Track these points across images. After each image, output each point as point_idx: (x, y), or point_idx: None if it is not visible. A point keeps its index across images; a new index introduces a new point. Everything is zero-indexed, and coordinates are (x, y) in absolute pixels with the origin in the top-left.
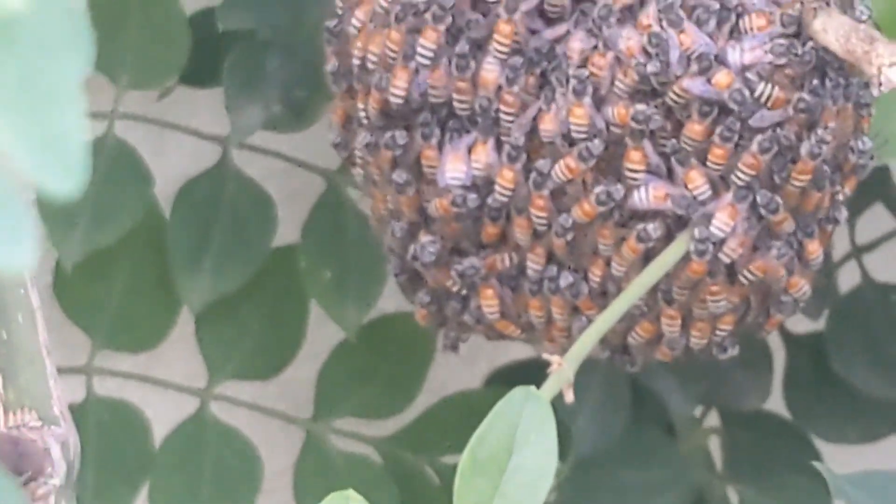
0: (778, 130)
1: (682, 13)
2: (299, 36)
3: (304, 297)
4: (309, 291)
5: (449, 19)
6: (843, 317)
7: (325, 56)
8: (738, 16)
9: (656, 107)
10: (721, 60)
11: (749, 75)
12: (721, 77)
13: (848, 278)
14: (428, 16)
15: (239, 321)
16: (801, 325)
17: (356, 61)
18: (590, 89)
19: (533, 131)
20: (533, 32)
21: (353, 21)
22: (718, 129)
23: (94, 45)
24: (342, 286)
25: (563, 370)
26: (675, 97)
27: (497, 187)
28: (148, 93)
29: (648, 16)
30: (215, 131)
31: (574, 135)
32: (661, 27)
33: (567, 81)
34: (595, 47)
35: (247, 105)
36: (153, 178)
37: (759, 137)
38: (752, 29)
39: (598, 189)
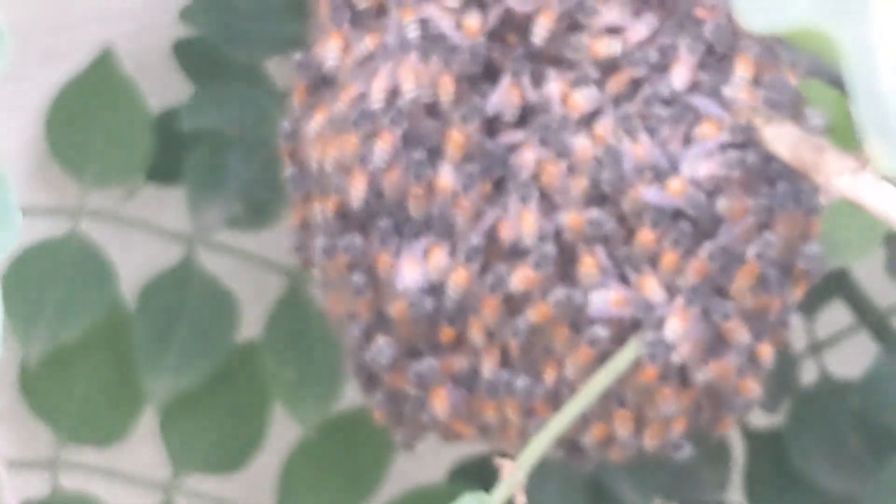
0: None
1: (636, 123)
2: (261, 135)
3: (266, 393)
4: (271, 389)
5: (405, 124)
6: (803, 411)
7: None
8: (690, 123)
9: (609, 213)
10: (674, 168)
11: (704, 185)
12: (675, 184)
13: (808, 371)
14: (385, 121)
15: (202, 415)
16: (760, 418)
17: (314, 164)
18: (537, 196)
19: (489, 235)
20: (490, 136)
21: (312, 125)
22: (670, 236)
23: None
24: (303, 384)
25: (514, 474)
26: (628, 204)
27: (450, 288)
28: (113, 190)
29: (603, 126)
30: (180, 227)
31: (526, 241)
32: (616, 138)
33: (520, 189)
34: (548, 156)
35: (209, 204)
36: (118, 275)
37: (707, 245)
38: (703, 137)
39: (558, 293)
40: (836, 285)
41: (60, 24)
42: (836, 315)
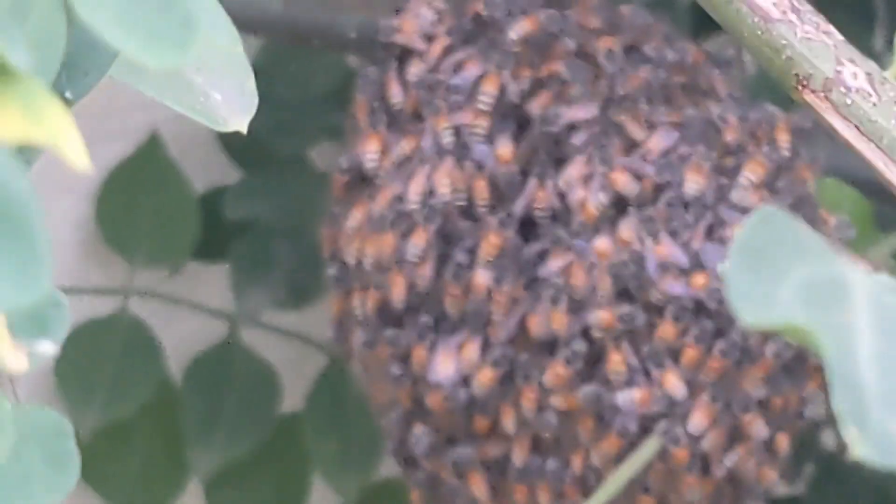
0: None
1: (659, 225)
2: (304, 222)
3: (307, 465)
4: (313, 460)
5: (439, 221)
6: (823, 480)
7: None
8: (711, 224)
9: (636, 308)
10: (697, 264)
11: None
12: (699, 279)
13: (828, 439)
14: (419, 218)
15: (246, 486)
16: (781, 486)
17: (353, 260)
18: (566, 298)
19: (520, 331)
20: (523, 237)
21: (351, 222)
22: (693, 332)
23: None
24: (343, 456)
25: None
26: (653, 300)
27: (475, 386)
28: (160, 269)
29: (627, 229)
30: (222, 304)
31: (558, 338)
32: (640, 240)
33: (550, 290)
34: (575, 259)
35: (253, 288)
36: (165, 352)
37: (726, 340)
38: (726, 238)
39: (587, 389)
40: None
41: (109, 109)
42: None
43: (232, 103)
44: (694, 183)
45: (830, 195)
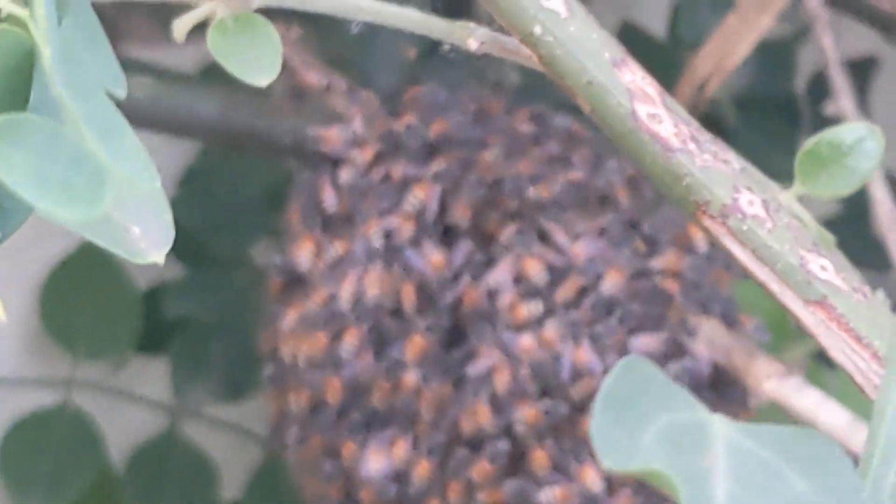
0: None
1: (582, 329)
2: (242, 318)
3: None
4: None
5: (370, 322)
6: None
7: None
8: (626, 339)
9: (558, 403)
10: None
11: None
12: None
13: None
14: (352, 318)
15: None
16: None
17: (287, 358)
18: (489, 392)
19: (451, 428)
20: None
21: (286, 321)
22: None
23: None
24: None
25: None
26: (576, 394)
27: (414, 479)
28: (102, 362)
29: (552, 330)
30: (164, 397)
31: (483, 434)
32: (561, 342)
33: (476, 386)
34: (499, 358)
35: (192, 383)
36: (107, 443)
37: None
38: (640, 348)
39: (511, 484)
40: None
41: None
42: None
43: (150, 236)
44: (610, 285)
45: (748, 297)
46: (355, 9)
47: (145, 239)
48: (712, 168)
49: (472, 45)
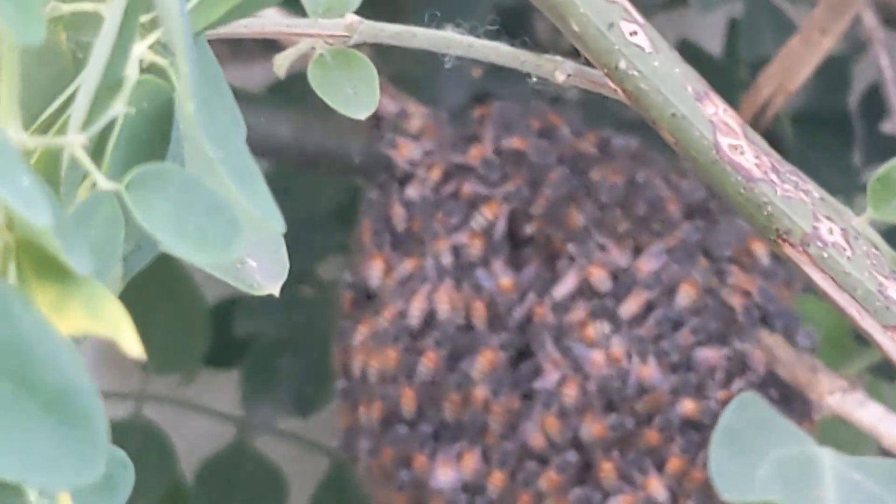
0: None
1: (648, 346)
2: (311, 336)
3: None
4: None
5: (449, 345)
6: None
7: (332, 354)
8: (690, 354)
9: (623, 417)
10: (685, 391)
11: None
12: (688, 406)
13: None
14: (430, 341)
15: None
16: None
17: (358, 372)
18: (558, 405)
19: (520, 440)
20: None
21: (357, 336)
22: (679, 443)
23: None
24: None
25: None
26: (642, 407)
27: (489, 489)
28: (172, 375)
29: (618, 346)
30: (232, 409)
31: (551, 445)
32: (629, 358)
33: (545, 399)
34: (568, 373)
35: (262, 399)
36: (177, 454)
37: (704, 454)
38: (703, 361)
39: (578, 493)
40: None
41: None
42: None
43: (265, 270)
44: (683, 297)
45: (808, 310)
46: (447, 43)
47: (261, 272)
48: (793, 198)
49: (560, 77)
